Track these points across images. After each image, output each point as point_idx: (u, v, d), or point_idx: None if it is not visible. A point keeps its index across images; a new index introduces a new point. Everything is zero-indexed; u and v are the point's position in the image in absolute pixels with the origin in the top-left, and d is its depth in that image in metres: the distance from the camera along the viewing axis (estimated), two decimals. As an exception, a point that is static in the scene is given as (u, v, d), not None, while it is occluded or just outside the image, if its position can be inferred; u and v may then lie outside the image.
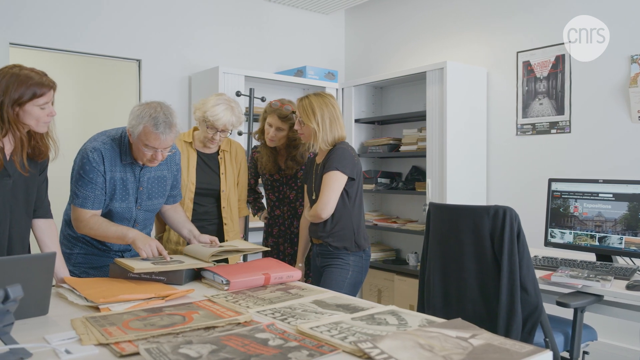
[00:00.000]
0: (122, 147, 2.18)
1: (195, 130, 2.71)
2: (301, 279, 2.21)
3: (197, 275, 2.09)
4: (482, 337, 1.25)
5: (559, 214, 2.62)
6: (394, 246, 4.74)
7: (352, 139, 4.55)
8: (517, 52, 3.86)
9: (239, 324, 1.44)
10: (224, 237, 2.69)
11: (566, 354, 2.22)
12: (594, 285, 2.09)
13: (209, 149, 2.70)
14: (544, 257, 2.52)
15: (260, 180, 3.02)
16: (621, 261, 2.48)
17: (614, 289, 2.06)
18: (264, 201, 3.10)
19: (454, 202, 3.65)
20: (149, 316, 1.50)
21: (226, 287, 1.89)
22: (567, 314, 2.26)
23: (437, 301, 2.25)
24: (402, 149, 4.33)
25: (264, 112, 2.82)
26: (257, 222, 3.89)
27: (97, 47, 3.94)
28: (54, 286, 1.84)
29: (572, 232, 2.56)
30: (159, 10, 4.20)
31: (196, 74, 4.29)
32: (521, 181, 3.84)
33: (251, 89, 4.13)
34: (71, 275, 2.10)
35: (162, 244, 2.59)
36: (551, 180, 2.69)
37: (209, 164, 2.70)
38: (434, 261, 2.28)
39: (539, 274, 2.23)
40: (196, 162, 2.67)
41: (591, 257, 2.54)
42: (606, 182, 2.49)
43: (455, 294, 2.20)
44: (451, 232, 2.20)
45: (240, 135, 4.04)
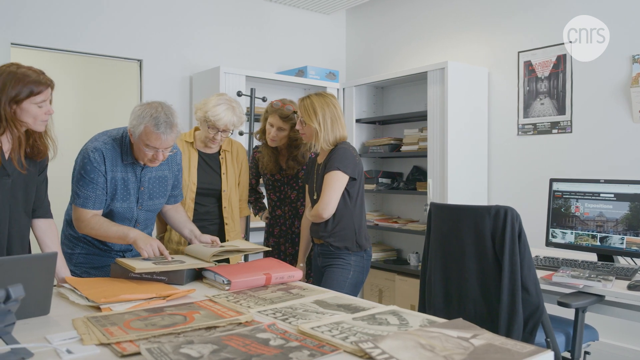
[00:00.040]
0: (123, 147, 2.18)
1: (196, 130, 2.71)
2: (302, 279, 2.21)
3: (198, 275, 2.10)
4: (483, 337, 1.25)
5: (560, 214, 2.62)
6: (395, 246, 4.73)
7: (353, 139, 4.55)
8: (518, 52, 3.85)
9: (240, 324, 1.44)
10: (225, 237, 2.69)
11: (567, 354, 2.22)
12: (595, 285, 2.09)
13: (210, 149, 2.70)
14: (545, 257, 2.52)
15: (261, 180, 3.02)
16: (622, 261, 2.47)
17: (615, 289, 2.06)
18: (265, 201, 3.10)
19: (455, 202, 3.65)
20: (150, 316, 1.50)
21: (227, 287, 1.89)
22: (569, 314, 2.25)
23: (438, 301, 2.25)
24: (403, 149, 4.33)
25: (265, 112, 2.82)
26: (258, 222, 3.89)
27: (98, 47, 3.94)
28: (55, 286, 1.84)
29: (574, 232, 2.56)
30: (160, 10, 4.20)
31: (197, 74, 4.29)
32: (522, 181, 3.83)
33: (252, 89, 4.13)
34: (72, 275, 2.10)
35: (164, 243, 2.59)
36: (552, 180, 2.68)
37: (210, 164, 2.70)
38: (435, 261, 2.28)
39: (540, 274, 2.23)
40: (197, 162, 2.67)
41: (592, 257, 2.54)
42: (607, 182, 2.49)
43: (456, 294, 2.19)
44: (452, 232, 2.20)
45: (241, 135, 4.04)
